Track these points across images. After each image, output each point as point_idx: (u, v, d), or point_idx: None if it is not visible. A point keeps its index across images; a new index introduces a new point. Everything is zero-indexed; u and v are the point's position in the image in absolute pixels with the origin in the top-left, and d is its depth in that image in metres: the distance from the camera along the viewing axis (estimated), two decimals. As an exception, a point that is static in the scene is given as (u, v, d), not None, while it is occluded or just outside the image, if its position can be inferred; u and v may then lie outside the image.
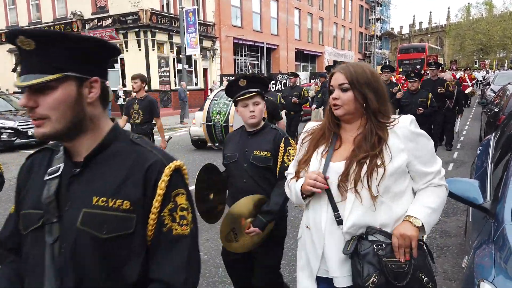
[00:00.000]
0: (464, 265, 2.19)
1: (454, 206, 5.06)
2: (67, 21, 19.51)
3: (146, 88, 5.41)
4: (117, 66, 19.19)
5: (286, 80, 16.82)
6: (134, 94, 5.54)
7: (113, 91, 17.32)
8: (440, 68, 9.22)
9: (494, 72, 32.04)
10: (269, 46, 27.19)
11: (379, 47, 48.71)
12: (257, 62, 27.92)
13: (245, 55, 26.56)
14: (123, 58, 18.86)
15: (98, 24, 18.81)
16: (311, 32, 34.23)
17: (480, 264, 1.86)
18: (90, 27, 18.62)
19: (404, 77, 18.47)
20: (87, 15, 18.94)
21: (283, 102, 8.51)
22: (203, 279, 3.55)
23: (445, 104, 7.91)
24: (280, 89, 20.18)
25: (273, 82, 22.24)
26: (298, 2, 31.59)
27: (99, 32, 18.42)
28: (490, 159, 3.28)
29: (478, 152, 3.97)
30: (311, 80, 20.55)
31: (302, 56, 33.97)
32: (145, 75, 17.45)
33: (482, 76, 28.90)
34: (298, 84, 9.92)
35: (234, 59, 25.14)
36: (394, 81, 17.27)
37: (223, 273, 3.53)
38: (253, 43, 26.12)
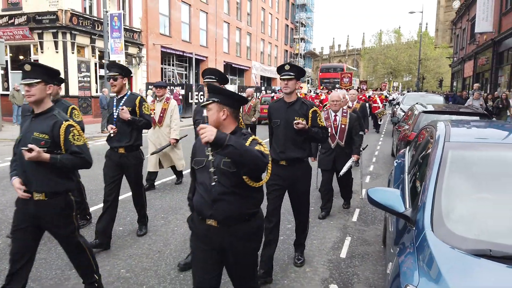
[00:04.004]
0: (389, 271, 2.31)
1: (372, 216, 5.41)
2: (-30, 14, 17.44)
3: (62, 93, 5.02)
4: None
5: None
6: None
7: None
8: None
9: (400, 93, 35.49)
10: (198, 57, 27.05)
11: (302, 65, 51.21)
12: (185, 73, 27.57)
13: (173, 65, 26.07)
14: (38, 60, 17.28)
15: (10, 21, 17.08)
16: (239, 46, 34.84)
17: (404, 270, 1.97)
18: (0, 24, 16.84)
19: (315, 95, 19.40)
20: (-5, 10, 17.14)
21: None
22: (127, 299, 3.32)
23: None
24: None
25: (201, 93, 22.12)
26: (227, 16, 32.03)
27: (10, 30, 16.75)
28: (406, 171, 3.56)
29: (395, 164, 4.29)
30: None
31: (231, 69, 34.37)
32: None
33: (392, 98, 31.81)
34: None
35: (162, 68, 24.53)
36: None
37: (149, 290, 3.33)
38: (182, 53, 25.78)
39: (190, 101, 21.63)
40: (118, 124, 4.18)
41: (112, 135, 4.19)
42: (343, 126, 5.30)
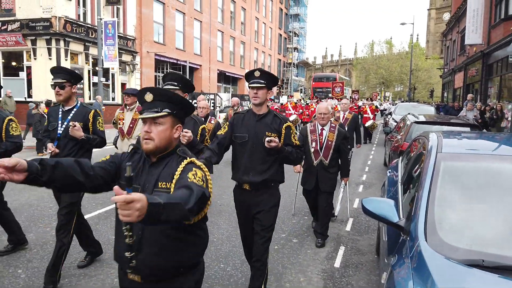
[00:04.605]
0: (383, 281, 2.34)
1: (366, 225, 5.44)
2: (-37, 20, 17.33)
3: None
4: (23, 74, 17.46)
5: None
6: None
7: (16, 101, 15.68)
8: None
9: (391, 103, 35.90)
10: (192, 65, 27.12)
11: (295, 74, 51.59)
12: (178, 81, 27.56)
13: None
14: (30, 67, 17.22)
15: (2, 28, 17.00)
16: (233, 55, 35.02)
17: (399, 280, 2.00)
18: (-9, 30, 16.76)
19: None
20: (-12, 16, 17.06)
21: None
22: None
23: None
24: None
25: (195, 101, 22.12)
26: (221, 25, 32.22)
27: (2, 37, 16.67)
28: (399, 181, 3.60)
29: (388, 174, 4.34)
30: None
31: (224, 78, 34.49)
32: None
33: (384, 107, 32.13)
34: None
35: (155, 76, 24.54)
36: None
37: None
38: (176, 61, 25.82)
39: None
40: (64, 142, 3.49)
41: (51, 155, 3.49)
42: (329, 142, 4.60)
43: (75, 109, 3.56)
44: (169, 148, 1.85)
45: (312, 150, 4.59)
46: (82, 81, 18.05)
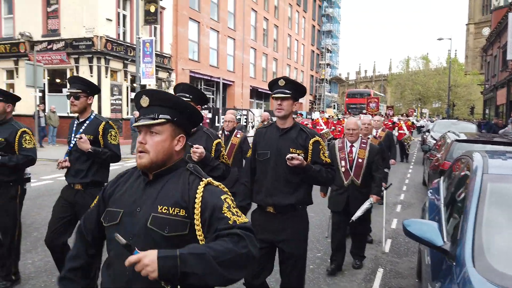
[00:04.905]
0: (427, 308, 2.21)
1: (405, 247, 5.21)
2: (14, 41, 18.56)
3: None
4: (65, 91, 18.36)
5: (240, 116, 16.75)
6: None
7: (59, 116, 16.51)
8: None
9: (429, 120, 34.80)
10: (225, 81, 27.59)
11: (328, 90, 51.30)
12: (212, 97, 28.11)
13: (200, 89, 26.63)
14: (73, 83, 18.12)
15: (48, 47, 18.07)
16: (265, 71, 35.37)
17: (445, 308, 1.87)
18: (40, 50, 17.82)
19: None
20: (36, 37, 18.17)
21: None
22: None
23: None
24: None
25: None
26: (254, 42, 32.73)
27: (48, 55, 17.68)
28: (442, 203, 3.43)
29: (429, 195, 4.16)
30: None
31: (257, 94, 34.81)
32: (96, 102, 16.90)
33: (421, 124, 31.16)
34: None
35: (189, 92, 25.10)
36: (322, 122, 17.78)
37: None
38: (209, 78, 26.38)
39: (217, 124, 22.01)
40: (75, 155, 3.27)
41: (60, 168, 3.31)
42: (360, 160, 4.18)
43: (88, 121, 3.34)
44: (168, 163, 1.52)
45: (343, 169, 4.17)
46: (99, 92, 18.82)
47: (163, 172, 1.52)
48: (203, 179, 1.49)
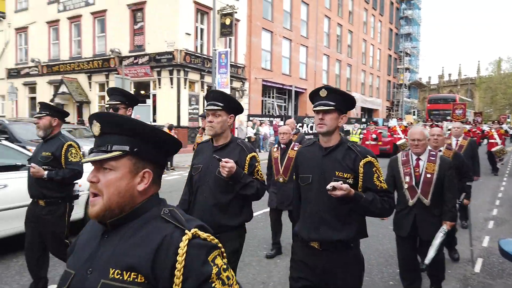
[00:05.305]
0: None
1: (499, 268, 4.61)
2: (106, 57, 20.55)
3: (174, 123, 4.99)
4: (149, 101, 19.79)
5: (312, 123, 16.54)
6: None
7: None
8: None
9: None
10: (297, 89, 27.54)
11: (407, 96, 48.61)
12: (284, 104, 28.23)
13: (273, 97, 26.94)
14: (155, 94, 19.47)
15: (135, 61, 19.66)
16: (339, 78, 34.63)
17: None
18: (127, 64, 19.46)
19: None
20: (124, 52, 19.91)
21: None
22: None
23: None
24: (306, 132, 20.18)
25: (299, 124, 22.34)
26: (327, 49, 32.27)
27: (134, 69, 19.19)
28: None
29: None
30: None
31: (329, 101, 34.16)
32: (176, 111, 17.91)
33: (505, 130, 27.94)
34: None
35: (262, 100, 25.50)
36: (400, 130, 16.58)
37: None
38: (281, 86, 26.54)
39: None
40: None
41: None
42: (428, 175, 3.42)
43: None
44: (126, 208, 1.12)
45: (406, 186, 3.46)
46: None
47: (120, 220, 1.12)
48: (186, 231, 1.06)
